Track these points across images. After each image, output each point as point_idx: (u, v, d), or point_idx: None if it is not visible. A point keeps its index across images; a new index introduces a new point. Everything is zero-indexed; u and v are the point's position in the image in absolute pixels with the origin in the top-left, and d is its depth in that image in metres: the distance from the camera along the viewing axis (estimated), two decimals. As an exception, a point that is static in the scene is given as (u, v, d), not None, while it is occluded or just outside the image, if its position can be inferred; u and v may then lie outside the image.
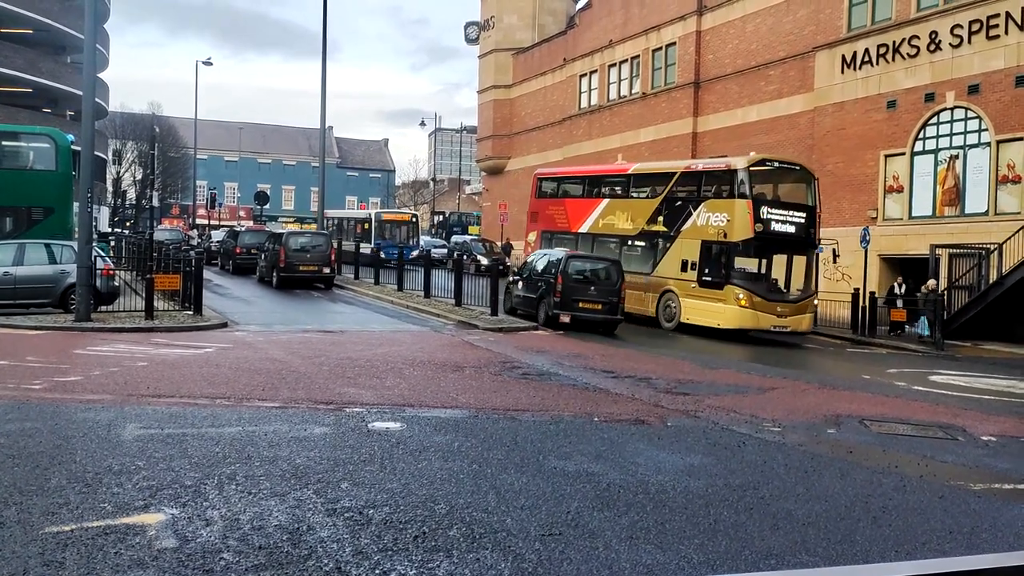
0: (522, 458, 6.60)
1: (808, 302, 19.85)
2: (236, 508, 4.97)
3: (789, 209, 19.92)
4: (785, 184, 21.16)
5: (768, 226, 19.14)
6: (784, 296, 19.86)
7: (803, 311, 19.57)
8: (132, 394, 8.56)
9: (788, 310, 19.19)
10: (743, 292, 18.90)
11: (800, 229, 19.71)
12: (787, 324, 19.05)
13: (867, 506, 5.72)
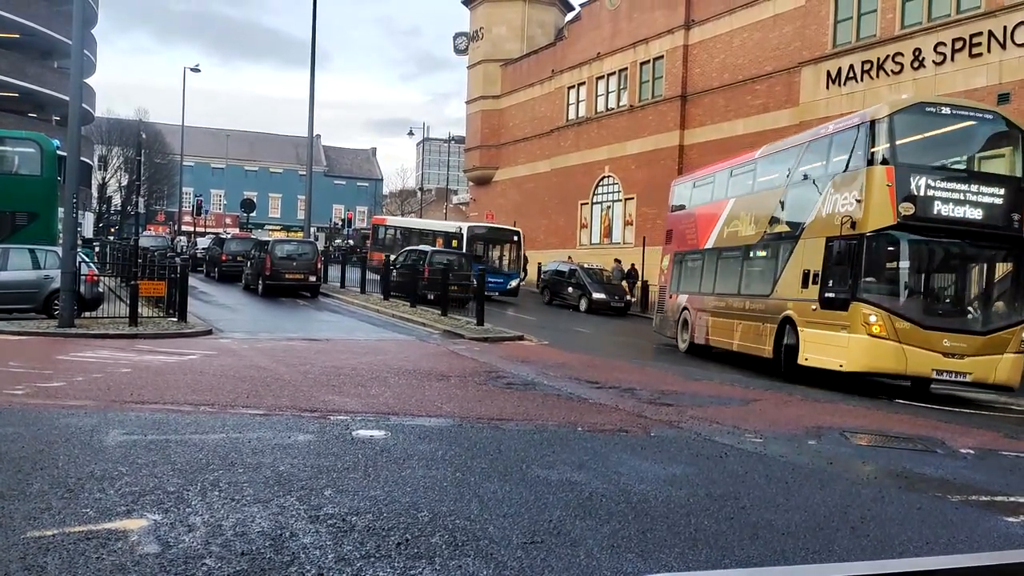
0: (505, 467, 6.63)
1: (1011, 335, 12.57)
2: (219, 514, 4.97)
3: (969, 181, 12.89)
4: (961, 143, 13.92)
5: (927, 207, 12.47)
6: (961, 322, 13.01)
7: (996, 348, 12.46)
8: (115, 400, 8.53)
9: (967, 345, 12.30)
10: (877, 313, 12.39)
11: (993, 214, 12.66)
12: (965, 368, 12.33)
13: (846, 516, 5.78)
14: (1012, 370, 12.54)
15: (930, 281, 14.15)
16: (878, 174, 12.64)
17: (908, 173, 12.58)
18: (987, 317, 13.16)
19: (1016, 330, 12.65)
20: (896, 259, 12.97)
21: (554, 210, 43.30)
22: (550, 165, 44.65)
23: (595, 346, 19.28)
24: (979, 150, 14.04)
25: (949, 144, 13.67)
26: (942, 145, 13.63)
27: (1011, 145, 13.45)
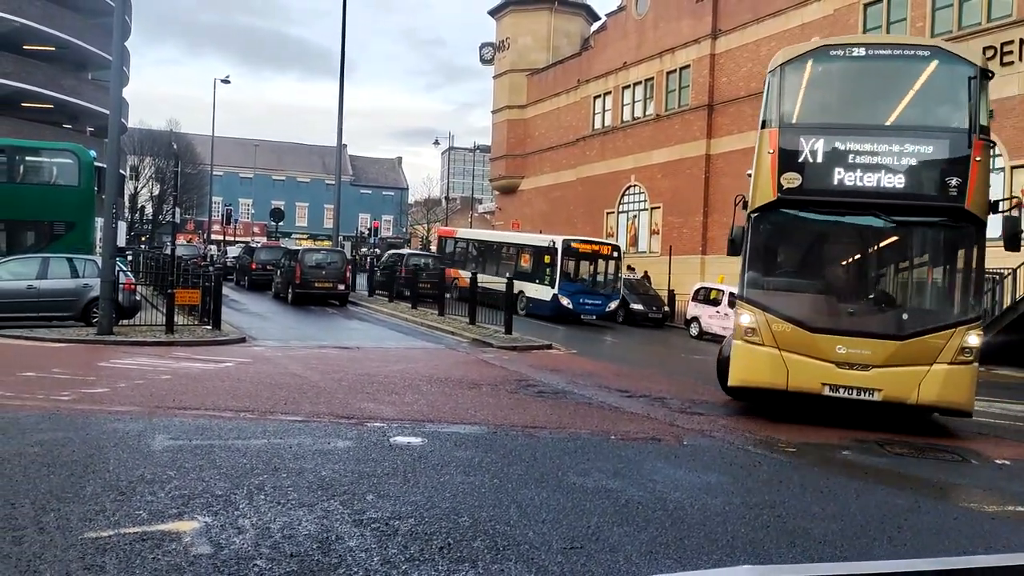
0: (541, 474, 6.72)
1: (943, 339, 9.39)
2: (266, 517, 5.12)
3: (886, 139, 9.71)
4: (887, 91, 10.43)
5: (821, 177, 9.84)
6: (864, 322, 9.99)
7: (920, 358, 9.41)
8: (159, 406, 8.73)
9: (872, 353, 9.47)
10: (752, 312, 9.97)
11: (920, 181, 9.66)
12: (870, 383, 9.47)
13: (882, 526, 5.82)
14: (946, 386, 9.26)
15: (823, 271, 10.96)
16: (763, 140, 10.17)
17: (797, 135, 9.91)
18: (906, 316, 9.92)
19: (951, 333, 9.29)
20: (777, 244, 10.61)
21: (580, 219, 43.38)
22: (576, 174, 44.74)
23: (624, 356, 19.32)
24: (912, 97, 10.22)
25: (870, 94, 10.46)
26: (861, 96, 10.50)
27: (956, 88, 9.77)
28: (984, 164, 9.61)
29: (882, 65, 10.27)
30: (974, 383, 9.49)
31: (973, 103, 9.56)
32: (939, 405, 9.59)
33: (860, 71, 10.31)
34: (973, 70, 9.64)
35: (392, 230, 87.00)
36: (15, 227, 21.34)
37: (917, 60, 10.19)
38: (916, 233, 10.25)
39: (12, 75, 41.44)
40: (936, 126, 9.96)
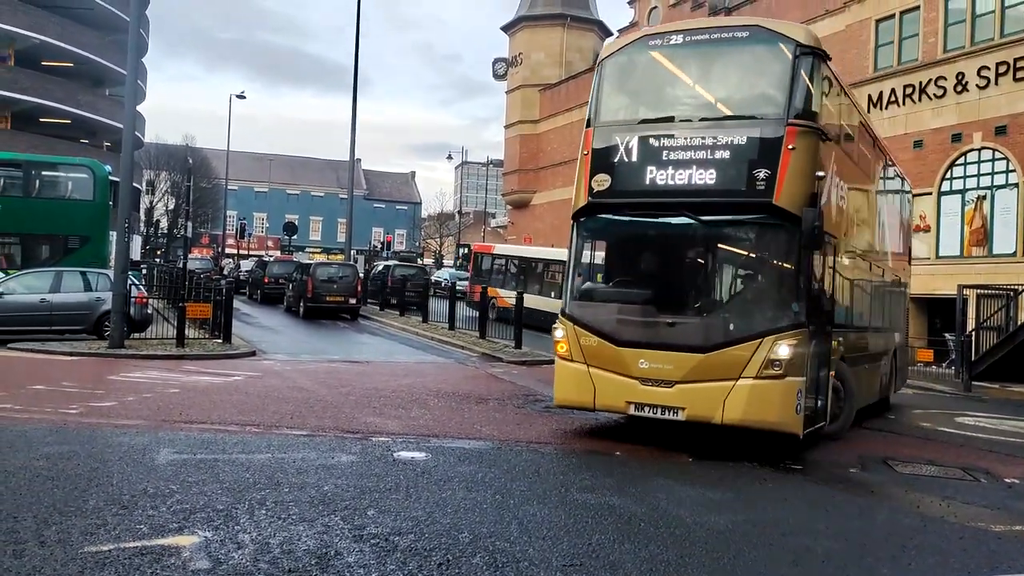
0: (544, 490, 6.71)
1: (747, 351, 8.29)
2: (266, 532, 5.12)
3: (698, 131, 8.89)
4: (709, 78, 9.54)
5: (632, 177, 9.13)
6: (667, 334, 8.80)
7: (723, 372, 8.37)
8: (165, 420, 8.78)
9: (674, 367, 8.54)
10: (565, 326, 9.28)
11: (731, 176, 8.68)
12: (673, 401, 8.55)
13: (886, 544, 5.76)
14: (751, 404, 8.25)
15: (633, 278, 9.77)
16: (583, 140, 9.58)
17: (610, 134, 9.27)
18: (710, 326, 8.80)
19: (757, 344, 8.24)
20: (592, 251, 9.82)
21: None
22: (588, 189, 44.75)
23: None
24: (728, 83, 9.46)
25: (687, 84, 9.58)
26: (679, 87, 9.65)
27: (773, 69, 8.93)
28: (803, 153, 8.46)
29: (700, 51, 9.38)
30: (792, 399, 8.23)
31: (791, 85, 8.60)
32: (747, 425, 8.40)
33: (678, 60, 9.46)
34: (794, 48, 8.66)
35: (405, 244, 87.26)
36: (30, 241, 21.56)
37: (736, 42, 9.18)
38: (726, 233, 9.19)
39: (30, 91, 41.97)
40: (748, 114, 8.89)
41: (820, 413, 9.10)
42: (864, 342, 11.84)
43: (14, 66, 42.41)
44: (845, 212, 10.35)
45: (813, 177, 8.56)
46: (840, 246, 10.03)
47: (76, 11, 44.82)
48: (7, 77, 41.32)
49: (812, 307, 8.63)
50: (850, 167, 10.70)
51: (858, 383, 10.95)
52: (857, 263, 11.36)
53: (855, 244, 11.24)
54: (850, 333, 10.80)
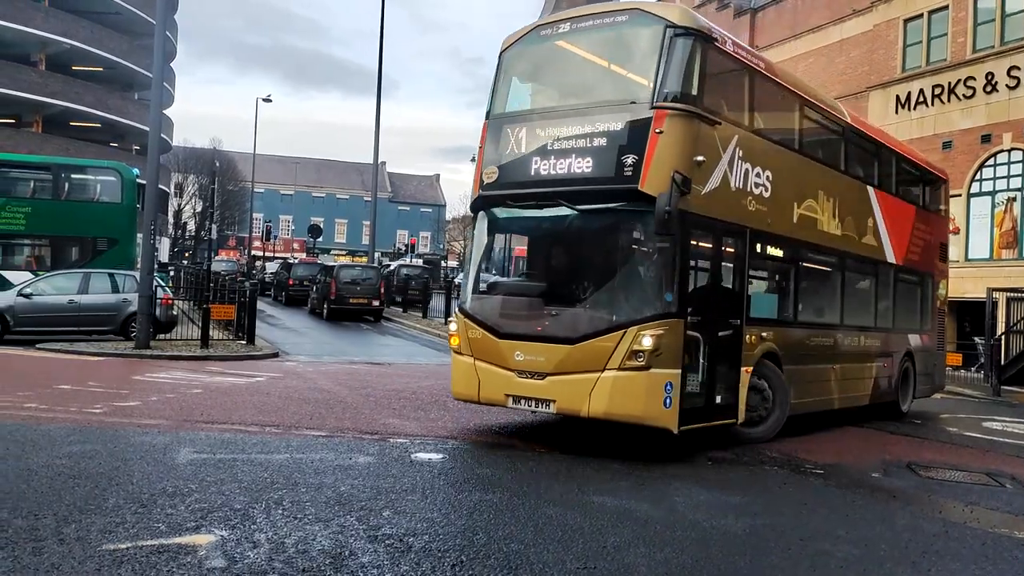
0: (562, 492, 6.69)
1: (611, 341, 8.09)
2: (282, 532, 5.15)
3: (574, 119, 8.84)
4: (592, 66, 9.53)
5: (518, 168, 9.12)
6: (542, 326, 8.72)
7: (590, 363, 8.18)
8: (187, 420, 8.87)
9: (545, 360, 8.42)
10: (458, 319, 9.31)
11: (603, 162, 8.49)
12: (545, 393, 8.44)
13: (907, 551, 5.68)
14: (615, 396, 8.05)
15: (517, 269, 10.06)
16: (481, 135, 9.66)
17: (500, 126, 9.32)
18: (578, 317, 8.60)
19: (621, 335, 8.02)
20: (483, 243, 9.67)
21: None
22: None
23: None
24: (606, 68, 9.42)
25: (571, 71, 9.59)
26: (565, 75, 9.69)
27: (647, 51, 8.66)
28: (672, 137, 8.21)
29: (585, 38, 9.21)
30: (658, 392, 7.97)
31: (658, 67, 8.37)
32: (612, 418, 8.25)
33: (564, 48, 9.38)
34: (663, 29, 8.45)
35: (429, 246, 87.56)
36: (60, 243, 21.91)
37: (616, 27, 9.00)
38: (600, 222, 8.86)
39: (60, 95, 42.63)
40: (622, 99, 8.66)
41: (720, 409, 8.86)
42: (822, 341, 11.21)
43: (45, 70, 43.10)
44: (768, 198, 9.69)
45: (689, 161, 8.29)
46: (759, 235, 9.61)
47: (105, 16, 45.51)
48: (38, 81, 42.02)
49: (697, 298, 8.53)
50: (772, 151, 9.98)
51: (804, 385, 10.50)
52: (803, 255, 10.75)
53: (798, 234, 10.51)
54: (791, 329, 10.37)
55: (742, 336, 9.17)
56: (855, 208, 12.07)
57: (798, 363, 10.35)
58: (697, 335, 8.44)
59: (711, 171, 8.66)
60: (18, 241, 21.87)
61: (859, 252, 12.24)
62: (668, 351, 7.99)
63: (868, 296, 12.98)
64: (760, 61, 10.04)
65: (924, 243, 14.55)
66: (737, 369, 9.10)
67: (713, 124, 8.70)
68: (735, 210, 9.14)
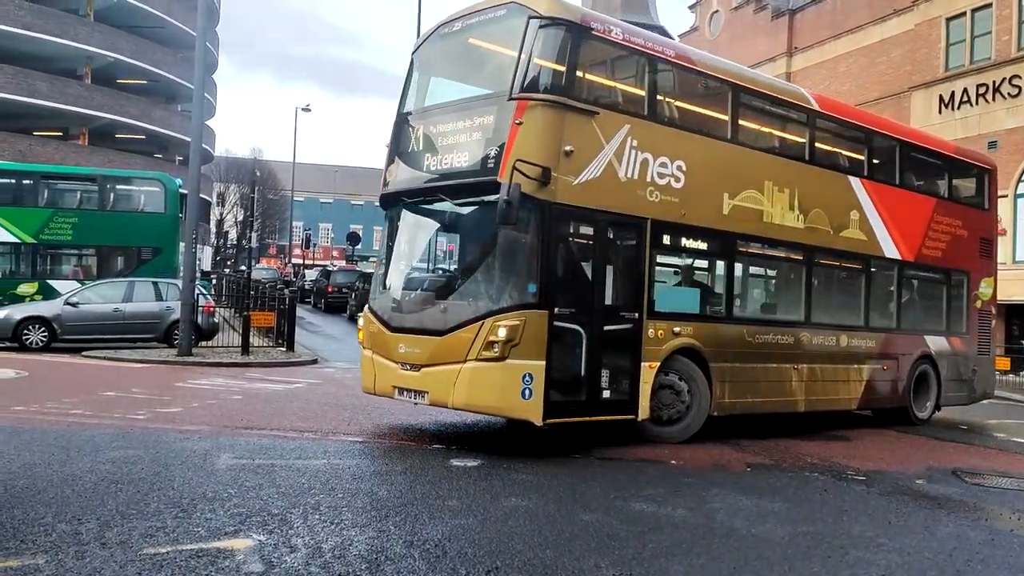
0: (599, 498, 6.65)
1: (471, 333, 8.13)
2: (319, 536, 5.19)
3: (454, 115, 9.05)
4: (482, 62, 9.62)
5: (411, 165, 9.46)
6: (420, 318, 8.86)
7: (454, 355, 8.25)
8: (227, 426, 8.99)
9: (420, 351, 8.60)
10: (365, 316, 9.67)
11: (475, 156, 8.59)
12: (420, 385, 8.57)
13: (951, 559, 5.56)
14: (473, 387, 8.08)
15: (409, 263, 10.08)
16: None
17: (402, 125, 9.60)
18: (448, 309, 8.58)
19: (480, 325, 8.03)
20: (387, 238, 9.97)
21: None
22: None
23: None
24: (485, 62, 9.45)
25: (460, 68, 9.79)
26: (456, 72, 9.86)
27: (515, 41, 8.51)
28: (534, 127, 8.19)
29: (472, 33, 9.32)
30: (515, 384, 7.90)
31: (519, 57, 8.33)
32: (474, 409, 8.46)
33: (457, 45, 9.54)
34: (526, 19, 8.40)
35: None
36: (106, 252, 22.41)
37: (497, 21, 9.03)
38: (471, 215, 9.01)
39: (106, 108, 43.55)
40: (493, 92, 8.71)
41: (609, 404, 8.69)
42: (775, 339, 10.61)
43: (91, 84, 44.07)
44: (681, 189, 9.35)
45: (553, 151, 8.20)
46: (667, 227, 9.31)
47: (149, 30, 46.43)
48: (84, 95, 42.97)
49: (572, 289, 8.47)
50: (688, 141, 9.61)
51: (747, 384, 10.15)
52: (739, 248, 10.27)
53: (730, 227, 10.05)
54: (723, 325, 9.94)
55: (642, 330, 8.93)
56: (829, 200, 11.41)
57: (735, 361, 10.02)
58: (573, 327, 8.36)
59: (588, 161, 8.52)
60: (65, 251, 22.41)
61: (836, 247, 11.54)
62: (528, 342, 7.95)
63: (854, 293, 12.28)
64: (667, 49, 9.57)
65: (952, 238, 13.53)
66: (635, 364, 8.89)
67: (590, 114, 8.57)
68: (628, 201, 8.91)
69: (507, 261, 8.46)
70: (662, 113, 9.61)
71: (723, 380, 9.85)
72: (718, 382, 9.79)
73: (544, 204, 8.12)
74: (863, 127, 12.45)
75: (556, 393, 8.21)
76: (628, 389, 8.88)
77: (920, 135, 14.79)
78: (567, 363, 8.39)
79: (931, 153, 13.86)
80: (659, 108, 9.56)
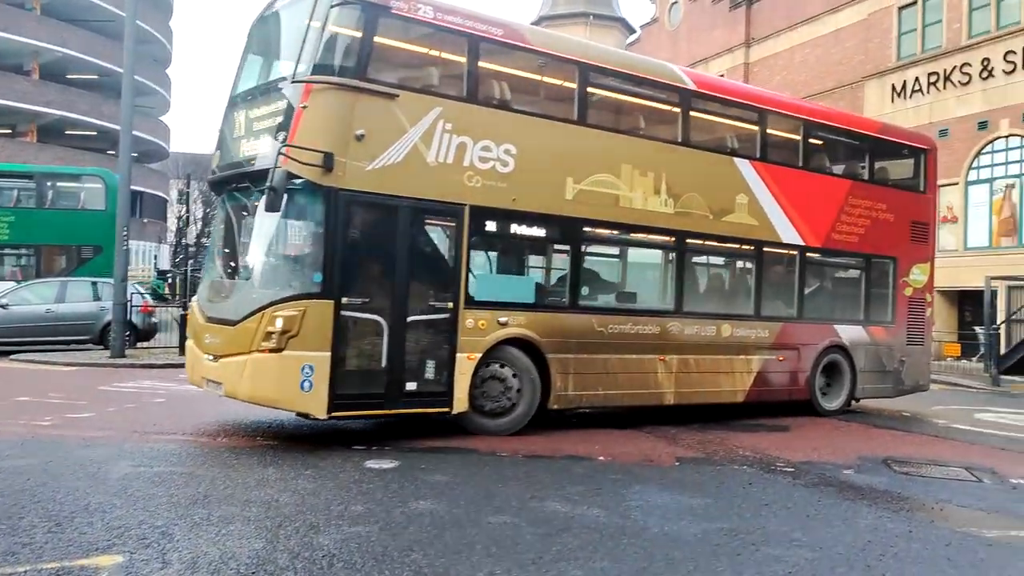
0: (515, 499, 6.39)
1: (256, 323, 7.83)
2: (200, 550, 4.89)
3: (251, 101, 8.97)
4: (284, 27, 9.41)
5: (224, 153, 9.32)
6: (223, 308, 8.64)
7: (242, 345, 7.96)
8: (136, 431, 8.60)
9: (220, 342, 8.38)
10: (192, 306, 9.64)
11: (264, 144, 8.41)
12: (219, 375, 8.30)
13: (863, 554, 5.38)
14: (255, 379, 7.85)
15: (223, 250, 9.50)
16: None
17: (228, 108, 9.35)
18: (240, 298, 8.32)
19: (262, 316, 7.77)
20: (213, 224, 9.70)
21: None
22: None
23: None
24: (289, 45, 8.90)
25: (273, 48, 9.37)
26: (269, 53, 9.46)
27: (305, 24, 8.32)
28: (320, 111, 7.96)
29: (282, 13, 9.05)
30: (293, 376, 7.68)
31: (311, 38, 8.08)
32: (259, 402, 8.14)
33: (272, 25, 9.30)
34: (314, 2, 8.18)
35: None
36: (46, 252, 21.79)
37: (299, 2, 8.72)
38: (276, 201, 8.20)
39: (55, 103, 42.61)
40: (288, 75, 8.27)
41: (415, 397, 8.42)
42: (634, 328, 10.09)
43: (39, 79, 43.05)
44: (511, 174, 8.99)
45: (340, 136, 7.95)
46: (491, 214, 8.96)
47: (98, 24, 45.44)
48: (32, 91, 42.00)
49: (367, 278, 8.20)
50: (520, 124, 9.28)
51: (599, 376, 9.73)
52: (586, 235, 9.88)
53: (575, 212, 9.64)
54: (565, 315, 9.50)
55: (458, 320, 8.62)
56: (709, 183, 10.87)
57: (583, 352, 9.61)
58: (371, 317, 8.11)
59: (387, 145, 8.21)
60: (3, 251, 21.74)
61: (718, 232, 11.01)
62: (308, 332, 7.71)
63: (742, 281, 11.79)
64: (493, 28, 9.06)
65: (873, 222, 12.69)
66: (449, 355, 8.58)
67: (388, 96, 8.26)
68: (440, 186, 8.57)
69: (293, 250, 8.23)
70: (486, 95, 9.10)
71: (565, 372, 9.44)
72: (559, 374, 9.39)
73: (330, 191, 7.85)
74: (755, 107, 11.68)
75: (345, 386, 7.97)
76: (442, 381, 8.56)
77: (836, 115, 13.86)
78: (362, 355, 8.14)
79: (846, 133, 13.03)
80: (481, 90, 9.07)
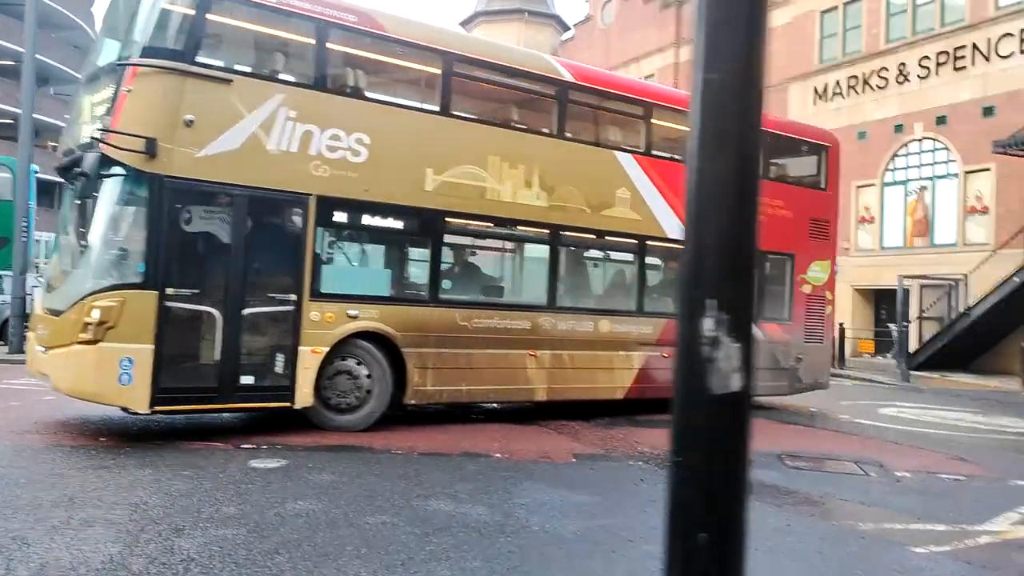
0: (399, 498, 6.27)
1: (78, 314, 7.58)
2: (53, 555, 4.66)
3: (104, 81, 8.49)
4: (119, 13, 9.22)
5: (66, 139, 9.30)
6: (52, 297, 8.48)
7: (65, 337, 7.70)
8: (13, 431, 8.20)
9: (49, 334, 8.11)
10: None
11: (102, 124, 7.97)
12: (48, 368, 8.00)
13: (736, 550, 5.40)
14: (68, 372, 7.66)
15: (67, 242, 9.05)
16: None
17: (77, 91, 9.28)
18: (68, 287, 8.07)
19: (83, 306, 7.53)
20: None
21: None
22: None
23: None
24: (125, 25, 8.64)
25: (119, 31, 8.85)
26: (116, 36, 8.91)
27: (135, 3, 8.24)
28: (143, 96, 7.71)
29: None
30: (111, 369, 7.45)
31: (139, 19, 7.95)
32: (80, 397, 7.84)
33: (118, 5, 8.97)
34: None
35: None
36: (-51, 244, 20.79)
37: None
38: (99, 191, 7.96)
39: (-32, 90, 40.90)
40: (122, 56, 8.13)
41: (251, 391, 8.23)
42: (502, 323, 9.93)
43: (-49, 65, 41.32)
44: (365, 164, 8.82)
45: (165, 121, 7.72)
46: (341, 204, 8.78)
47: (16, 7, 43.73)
48: (-57, 77, 40.26)
49: (197, 268, 8.04)
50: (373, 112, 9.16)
51: (462, 372, 9.56)
52: (448, 228, 9.65)
53: (435, 204, 9.44)
54: (424, 309, 9.34)
55: (301, 313, 8.43)
56: (587, 177, 10.67)
57: (443, 347, 9.45)
58: (202, 308, 7.93)
59: (220, 132, 7.98)
60: (-99, 244, 20.72)
61: (596, 226, 10.80)
62: (128, 324, 7.48)
63: (624, 276, 11.57)
64: (345, 14, 8.82)
65: (769, 219, 12.06)
66: (292, 349, 8.40)
67: (222, 81, 8.06)
68: (281, 175, 8.33)
69: (116, 239, 7.90)
70: (336, 83, 8.91)
71: (424, 367, 9.28)
72: (417, 368, 9.21)
73: (154, 178, 7.61)
74: (638, 100, 11.39)
75: (171, 379, 7.74)
76: (283, 375, 8.36)
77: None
78: (191, 348, 7.94)
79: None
80: (330, 77, 8.85)
